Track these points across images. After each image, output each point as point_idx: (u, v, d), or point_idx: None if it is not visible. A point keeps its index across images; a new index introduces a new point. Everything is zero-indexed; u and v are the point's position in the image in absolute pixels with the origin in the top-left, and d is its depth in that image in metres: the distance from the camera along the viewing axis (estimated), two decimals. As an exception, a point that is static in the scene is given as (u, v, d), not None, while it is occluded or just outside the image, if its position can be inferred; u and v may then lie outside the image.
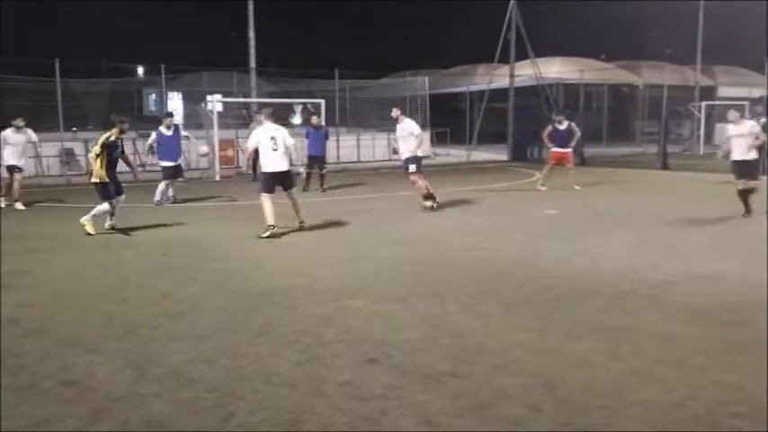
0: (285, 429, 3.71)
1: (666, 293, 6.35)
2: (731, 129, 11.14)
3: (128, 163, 10.35)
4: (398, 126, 12.01)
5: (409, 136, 11.87)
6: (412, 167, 11.86)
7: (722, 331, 5.25)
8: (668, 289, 6.50)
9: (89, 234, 9.56)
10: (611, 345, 4.95)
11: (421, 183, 12.00)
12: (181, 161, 13.61)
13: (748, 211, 10.70)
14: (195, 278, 7.14)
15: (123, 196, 10.09)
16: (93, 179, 9.73)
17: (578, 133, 15.77)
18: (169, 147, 13.27)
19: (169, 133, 13.31)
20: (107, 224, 9.92)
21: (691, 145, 30.40)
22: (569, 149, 15.69)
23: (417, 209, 12.07)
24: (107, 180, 9.64)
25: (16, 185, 13.02)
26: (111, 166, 9.76)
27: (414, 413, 3.87)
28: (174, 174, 13.35)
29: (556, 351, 4.85)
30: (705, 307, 5.90)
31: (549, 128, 15.97)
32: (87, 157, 9.88)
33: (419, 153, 12.06)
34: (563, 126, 15.65)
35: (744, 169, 10.80)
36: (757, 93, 30.34)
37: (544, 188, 15.30)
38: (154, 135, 13.45)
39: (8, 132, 13.15)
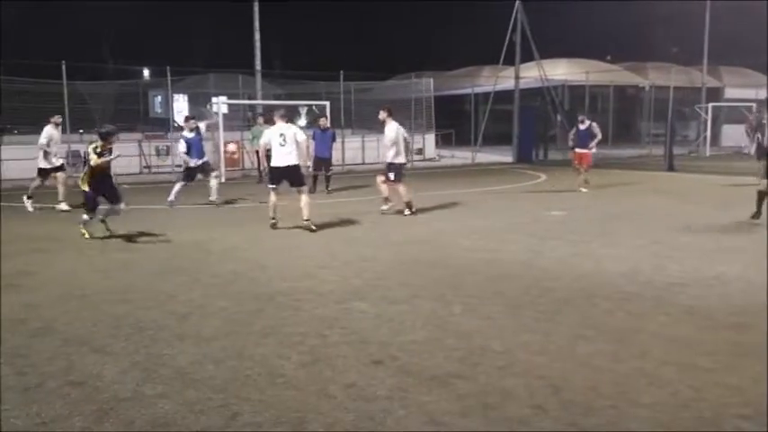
0: (290, 430, 3.73)
1: (672, 296, 6.34)
2: None
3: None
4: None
5: (388, 141, 11.80)
6: (390, 175, 11.80)
7: (728, 334, 5.24)
8: (674, 291, 6.49)
9: (86, 238, 9.49)
10: (616, 346, 4.95)
11: (382, 187, 11.87)
12: (206, 159, 13.75)
13: (759, 213, 10.58)
14: (200, 280, 7.16)
15: (122, 205, 9.84)
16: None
17: (599, 135, 15.68)
18: (194, 148, 13.43)
19: (191, 135, 13.44)
20: (99, 217, 9.74)
21: (697, 147, 30.34)
22: (588, 150, 15.62)
23: (422, 210, 12.08)
24: (86, 189, 9.47)
25: (62, 187, 12.90)
26: (95, 175, 9.49)
27: (419, 413, 3.87)
28: (203, 171, 13.51)
29: (561, 352, 4.85)
30: (711, 309, 5.89)
31: (574, 129, 16.00)
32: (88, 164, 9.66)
33: (393, 159, 11.71)
34: (584, 126, 15.65)
35: None
36: (764, 94, 30.26)
37: (585, 190, 15.26)
38: (183, 143, 13.46)
39: (50, 129, 13.02)
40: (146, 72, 33.20)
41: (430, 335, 5.26)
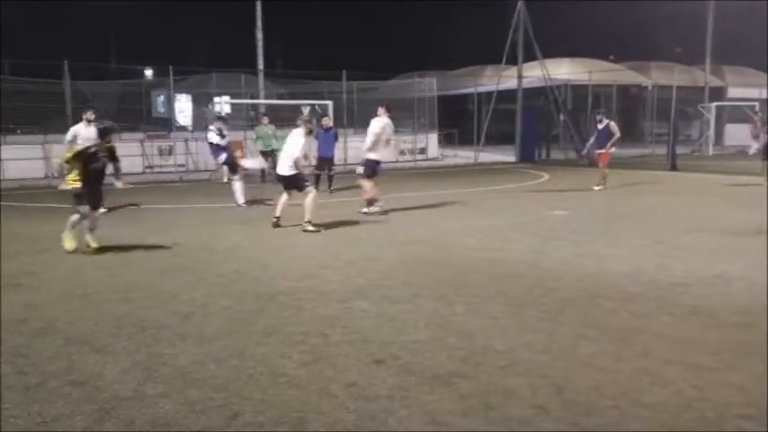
0: (291, 429, 3.72)
1: (675, 295, 6.32)
2: None
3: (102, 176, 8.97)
4: None
5: (371, 136, 11.77)
6: (359, 169, 11.82)
7: (731, 333, 5.21)
8: (677, 291, 6.47)
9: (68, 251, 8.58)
10: (619, 346, 4.93)
11: (366, 186, 11.82)
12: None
13: None
14: (203, 279, 7.15)
15: (100, 211, 9.01)
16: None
17: (617, 134, 15.56)
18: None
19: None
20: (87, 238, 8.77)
21: (700, 146, 30.27)
22: (604, 150, 15.49)
23: (425, 210, 12.06)
24: (70, 187, 8.69)
25: None
26: (88, 178, 8.57)
27: (420, 413, 3.86)
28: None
29: (563, 352, 4.83)
30: (714, 309, 5.86)
31: (595, 131, 15.97)
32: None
33: (367, 154, 11.75)
34: (602, 125, 15.60)
35: None
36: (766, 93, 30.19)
37: (597, 188, 15.24)
38: (214, 135, 13.51)
39: (80, 127, 12.59)
40: (148, 72, 33.21)
41: (432, 334, 5.25)
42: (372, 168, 11.78)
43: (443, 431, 3.69)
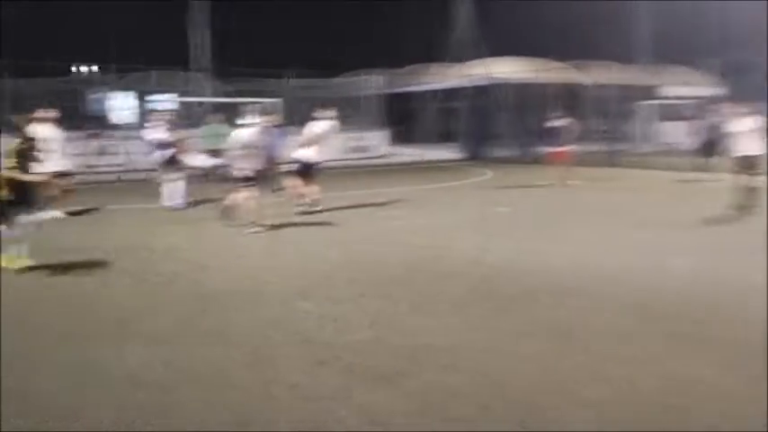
0: (233, 430, 3.65)
1: (615, 290, 6.41)
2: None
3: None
4: None
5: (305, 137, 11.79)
6: (291, 167, 11.91)
7: (667, 325, 5.32)
8: (617, 285, 6.58)
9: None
10: (560, 343, 4.98)
11: (293, 185, 11.83)
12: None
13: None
14: (144, 281, 6.98)
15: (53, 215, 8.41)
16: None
17: (572, 131, 15.81)
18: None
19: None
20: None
21: (635, 143, 31.08)
22: (561, 148, 15.75)
23: (370, 208, 12.03)
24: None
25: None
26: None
27: (361, 413, 3.83)
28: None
29: (505, 350, 4.85)
30: (652, 301, 5.98)
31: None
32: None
33: (302, 155, 11.67)
34: (556, 124, 15.84)
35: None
36: (704, 92, 31.14)
37: (569, 182, 15.35)
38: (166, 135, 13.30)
39: (36, 128, 10.15)
40: (85, 69, 32.28)
41: (375, 334, 5.22)
42: (305, 167, 11.64)
43: (384, 431, 3.67)
